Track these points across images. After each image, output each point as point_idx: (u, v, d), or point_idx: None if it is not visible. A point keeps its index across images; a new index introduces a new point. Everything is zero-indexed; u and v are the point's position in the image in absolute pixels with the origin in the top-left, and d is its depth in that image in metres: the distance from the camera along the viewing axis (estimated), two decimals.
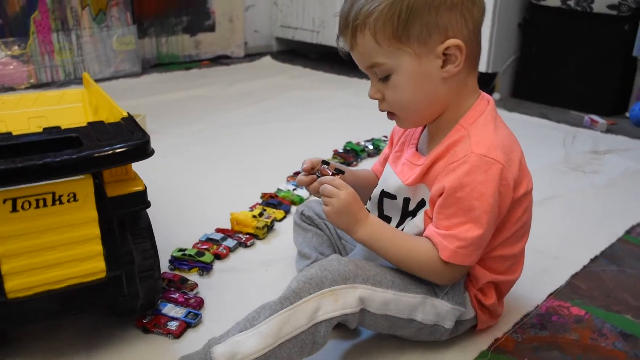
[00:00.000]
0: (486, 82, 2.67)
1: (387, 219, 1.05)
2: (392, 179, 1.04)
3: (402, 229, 1.01)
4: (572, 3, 2.39)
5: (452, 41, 0.90)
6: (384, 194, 1.06)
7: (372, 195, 1.09)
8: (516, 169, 0.93)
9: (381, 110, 1.00)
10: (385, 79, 0.95)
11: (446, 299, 0.97)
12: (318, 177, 1.03)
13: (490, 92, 2.65)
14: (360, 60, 0.96)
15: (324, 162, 1.05)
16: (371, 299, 0.92)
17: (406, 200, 1.01)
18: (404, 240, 0.96)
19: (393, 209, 1.05)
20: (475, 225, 0.90)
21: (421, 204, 0.99)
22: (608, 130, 2.21)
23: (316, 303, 0.88)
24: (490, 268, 0.99)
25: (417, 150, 1.03)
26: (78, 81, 2.77)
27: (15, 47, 2.70)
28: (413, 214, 1.00)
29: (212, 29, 3.33)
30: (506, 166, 0.91)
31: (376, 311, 0.93)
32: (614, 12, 2.30)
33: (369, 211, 1.05)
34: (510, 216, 0.96)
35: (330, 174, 1.03)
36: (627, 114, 2.34)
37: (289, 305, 0.87)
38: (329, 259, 0.95)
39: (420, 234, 0.97)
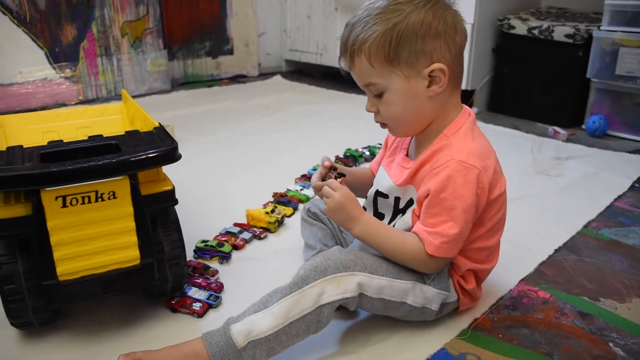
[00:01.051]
0: (466, 98, 2.65)
1: (381, 216, 1.04)
2: (385, 180, 1.03)
3: (394, 225, 1.00)
4: (536, 32, 2.38)
5: (436, 65, 0.90)
6: (378, 194, 1.05)
7: (368, 195, 1.08)
8: (491, 173, 0.92)
9: (376, 121, 0.99)
10: (379, 95, 0.94)
11: (433, 285, 0.96)
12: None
13: (469, 106, 2.64)
14: (358, 79, 0.96)
15: (333, 168, 1.05)
16: (368, 285, 0.91)
17: (397, 199, 1.01)
18: (394, 236, 0.95)
19: (386, 207, 1.04)
20: (455, 224, 0.90)
21: (410, 202, 0.98)
22: (568, 140, 2.20)
23: (321, 288, 0.87)
24: (471, 258, 0.98)
25: (407, 155, 1.02)
26: (118, 97, 2.77)
27: (68, 70, 2.70)
28: (403, 211, 0.99)
29: (230, 52, 3.32)
30: (482, 171, 0.90)
31: (373, 295, 0.92)
32: (570, 40, 2.30)
33: (365, 209, 1.04)
34: (487, 214, 0.95)
35: (334, 177, 1.03)
36: (584, 126, 2.33)
37: (297, 289, 0.87)
38: (332, 250, 0.94)
39: (409, 230, 0.96)
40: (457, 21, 0.92)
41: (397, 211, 1.01)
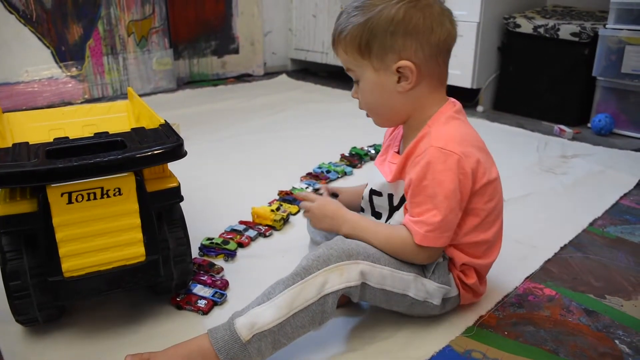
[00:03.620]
0: (471, 97, 2.65)
1: (378, 215, 1.05)
2: (377, 177, 1.04)
3: (390, 223, 1.00)
4: (542, 30, 2.37)
5: (403, 62, 0.92)
6: (372, 192, 1.05)
7: (363, 195, 1.08)
8: (474, 160, 0.91)
9: (360, 108, 1.02)
10: (358, 83, 0.98)
11: (433, 279, 0.96)
12: None
13: (474, 106, 2.64)
14: (344, 65, 1.00)
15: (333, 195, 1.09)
16: (371, 274, 0.91)
17: (390, 196, 1.01)
18: (383, 230, 0.96)
19: (381, 206, 1.04)
20: (438, 211, 0.89)
21: (403, 199, 0.97)
22: (574, 138, 2.19)
23: (324, 277, 0.87)
24: (467, 252, 0.98)
25: (398, 152, 1.03)
26: (124, 96, 2.77)
27: (74, 69, 2.71)
28: (398, 208, 0.99)
29: (236, 51, 3.33)
30: (463, 157, 0.89)
31: (375, 285, 0.91)
32: (576, 39, 2.29)
33: (363, 210, 1.04)
34: (477, 203, 0.94)
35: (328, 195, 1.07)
36: (589, 125, 2.32)
37: (300, 280, 0.86)
38: (334, 239, 0.94)
39: None
40: (437, 21, 0.92)
41: (393, 209, 1.01)
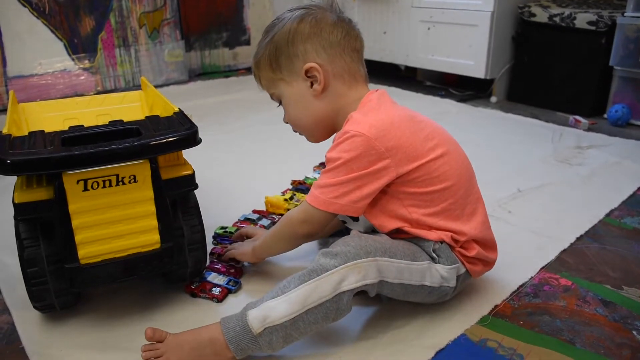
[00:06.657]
0: (485, 87, 2.64)
1: (356, 218, 1.06)
2: None
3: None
4: (557, 19, 2.35)
5: (308, 65, 0.97)
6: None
7: None
8: (388, 141, 0.91)
9: (294, 130, 1.07)
10: (281, 104, 1.03)
11: (443, 263, 0.95)
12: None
13: (488, 96, 2.62)
14: (266, 90, 1.06)
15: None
16: (388, 270, 0.90)
17: None
18: (278, 223, 1.05)
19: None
20: (333, 174, 0.92)
21: None
22: (589, 129, 2.17)
23: (341, 275, 0.86)
24: (448, 224, 0.96)
25: None
26: (136, 88, 2.78)
27: (86, 61, 2.73)
28: None
29: (247, 42, 3.33)
30: (372, 137, 0.90)
31: (393, 280, 0.91)
32: (593, 28, 2.27)
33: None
34: (418, 178, 0.94)
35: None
36: (605, 115, 2.30)
37: (315, 276, 0.86)
38: (351, 235, 0.93)
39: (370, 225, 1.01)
40: (331, 24, 0.99)
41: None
